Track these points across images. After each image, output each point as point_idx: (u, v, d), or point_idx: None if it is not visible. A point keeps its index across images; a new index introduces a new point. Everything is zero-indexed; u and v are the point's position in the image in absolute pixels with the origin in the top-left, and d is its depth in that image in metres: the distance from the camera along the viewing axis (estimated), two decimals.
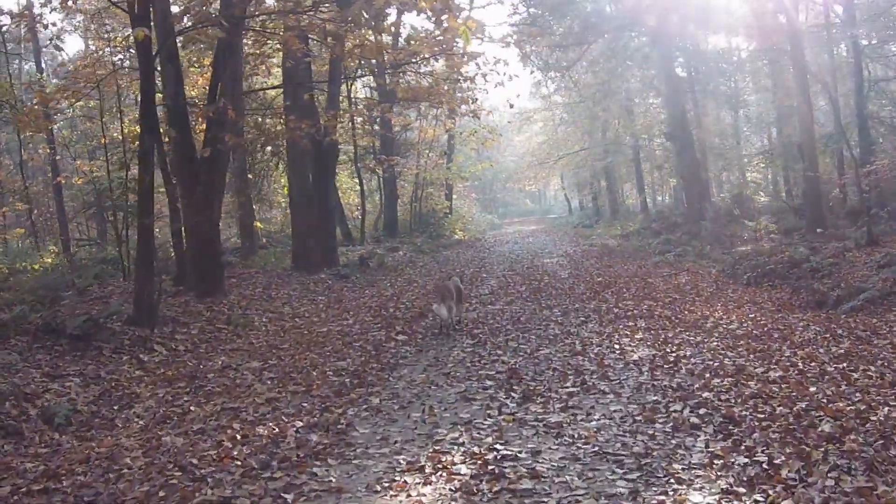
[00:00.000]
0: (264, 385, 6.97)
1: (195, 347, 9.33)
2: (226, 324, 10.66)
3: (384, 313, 10.77)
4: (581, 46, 25.40)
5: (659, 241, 21.03)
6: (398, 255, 22.37)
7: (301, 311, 11.79)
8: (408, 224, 29.42)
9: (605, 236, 28.21)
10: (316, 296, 13.49)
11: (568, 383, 6.19)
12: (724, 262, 15.94)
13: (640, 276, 14.33)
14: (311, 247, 15.86)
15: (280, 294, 13.36)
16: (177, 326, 10.24)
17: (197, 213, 11.87)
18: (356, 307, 11.77)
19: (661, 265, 16.40)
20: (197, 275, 11.91)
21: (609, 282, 13.23)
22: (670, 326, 8.54)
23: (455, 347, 7.94)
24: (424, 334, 8.85)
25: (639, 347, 7.49)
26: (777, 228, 21.97)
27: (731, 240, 20.30)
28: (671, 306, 10.15)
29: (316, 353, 8.27)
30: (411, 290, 13.77)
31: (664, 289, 12.12)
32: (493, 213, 55.08)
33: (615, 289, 12.10)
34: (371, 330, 9.36)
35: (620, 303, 10.48)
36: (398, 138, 28.63)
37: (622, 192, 43.97)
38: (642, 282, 13.19)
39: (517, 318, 9.60)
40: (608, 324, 8.87)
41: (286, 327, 10.40)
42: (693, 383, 6.07)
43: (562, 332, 8.42)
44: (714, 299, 10.95)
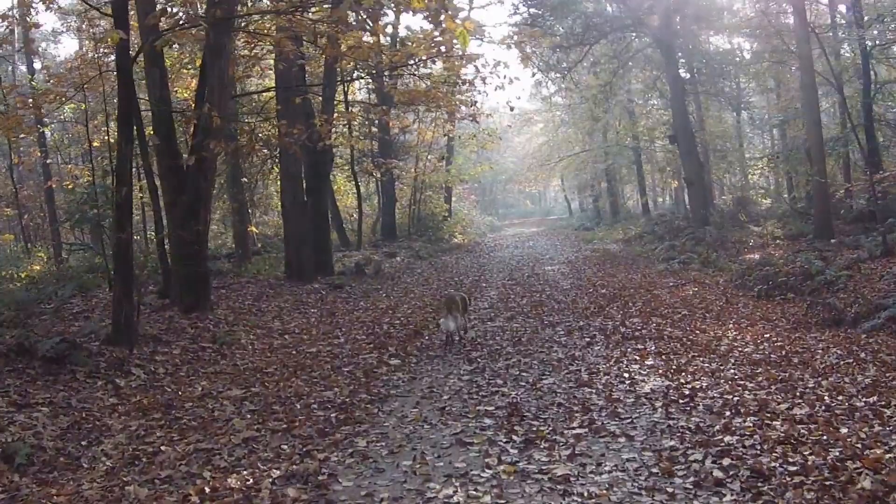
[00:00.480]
0: (243, 420, 6.37)
1: (175, 370, 8.72)
2: (210, 342, 10.06)
3: (377, 330, 10.17)
4: (582, 47, 24.80)
5: (663, 248, 20.43)
6: (396, 260, 21.79)
7: (291, 326, 11.19)
8: (406, 227, 28.84)
9: (607, 240, 27.63)
10: (308, 308, 12.89)
11: (575, 423, 5.59)
12: (732, 271, 15.34)
13: (645, 286, 13.74)
14: (304, 255, 15.26)
15: (270, 307, 12.77)
16: (158, 346, 9.65)
17: (182, 224, 11.27)
18: (349, 322, 11.17)
19: (666, 274, 15.81)
20: (182, 288, 11.31)
21: (613, 294, 12.63)
22: (682, 350, 7.94)
23: (451, 375, 7.35)
24: (419, 357, 8.25)
25: (650, 376, 6.89)
26: (783, 234, 21.39)
27: (736, 246, 19.72)
28: (681, 324, 9.55)
29: (302, 379, 7.68)
30: (407, 302, 13.17)
31: (671, 302, 11.53)
32: (494, 214, 54.50)
33: (620, 303, 11.50)
34: (362, 351, 8.76)
35: (627, 320, 9.88)
36: (396, 141, 28.03)
37: (623, 193, 43.41)
38: (648, 294, 12.59)
39: (518, 337, 9.01)
40: (615, 346, 8.27)
41: (274, 346, 9.81)
42: (713, 424, 5.48)
43: (566, 357, 7.82)
44: (725, 315, 10.35)
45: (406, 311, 12.04)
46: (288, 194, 15.29)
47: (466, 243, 29.71)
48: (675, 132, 21.34)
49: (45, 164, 23.44)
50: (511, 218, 58.17)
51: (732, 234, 21.70)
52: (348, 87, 23.40)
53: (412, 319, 10.80)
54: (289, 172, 15.21)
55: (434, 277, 17.49)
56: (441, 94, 12.97)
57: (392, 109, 23.49)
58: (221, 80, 11.53)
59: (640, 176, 36.41)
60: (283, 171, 15.28)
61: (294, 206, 15.23)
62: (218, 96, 11.44)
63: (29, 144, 24.48)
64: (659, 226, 27.60)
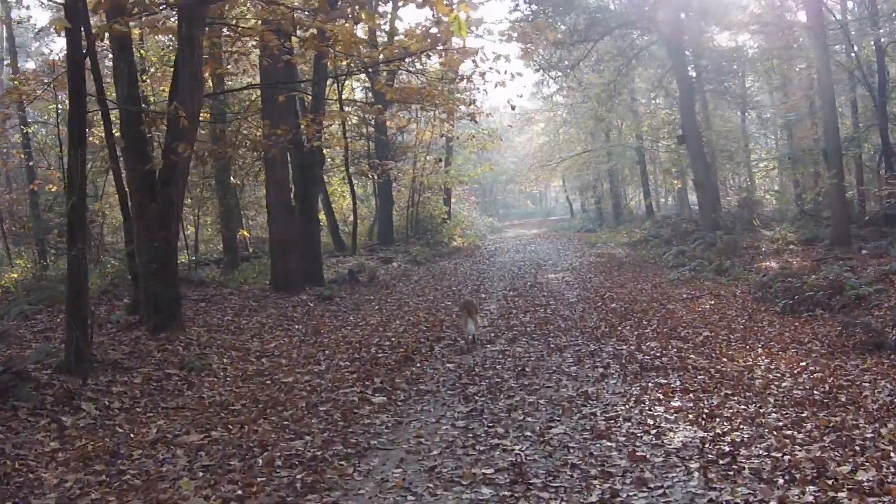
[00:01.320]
0: (194, 481, 5.24)
1: (133, 404, 7.59)
2: (178, 368, 8.92)
3: (364, 354, 9.03)
4: (585, 44, 23.66)
5: (671, 253, 19.28)
6: (392, 266, 20.66)
7: (271, 346, 10.06)
8: (404, 230, 27.71)
9: (611, 244, 26.48)
10: (292, 324, 11.76)
11: (594, 496, 4.45)
12: (750, 282, 14.19)
13: (658, 299, 12.60)
14: (291, 264, 14.13)
15: (251, 323, 11.63)
16: (117, 373, 8.51)
17: (150, 234, 10.14)
18: (334, 343, 10.03)
19: (678, 284, 14.66)
20: (151, 305, 10.17)
21: (625, 309, 11.48)
22: (712, 385, 6.80)
23: (444, 418, 6.20)
24: (408, 392, 7.11)
25: (678, 423, 5.75)
26: (796, 239, 20.23)
27: (749, 252, 18.57)
28: (704, 349, 8.41)
29: (272, 420, 6.54)
30: (400, 317, 12.03)
31: (689, 320, 10.38)
32: (494, 215, 53.34)
33: (633, 321, 10.35)
34: (344, 383, 7.62)
35: (643, 344, 8.73)
36: (393, 141, 26.89)
37: (625, 195, 42.25)
38: (662, 308, 11.45)
39: (521, 366, 7.86)
40: (633, 379, 7.13)
41: (248, 372, 8.67)
42: (765, 498, 4.35)
43: (577, 394, 6.67)
44: (751, 336, 9.20)
45: (398, 328, 10.91)
46: (274, 199, 14.16)
47: (466, 246, 28.56)
48: (684, 132, 20.20)
49: (30, 167, 22.33)
50: (512, 219, 56.99)
51: (743, 238, 20.55)
52: (342, 86, 22.26)
53: (403, 340, 9.65)
54: (275, 176, 14.07)
55: (430, 287, 16.34)
56: (437, 92, 11.84)
57: (388, 109, 22.38)
58: (194, 77, 10.38)
59: (643, 177, 35.25)
60: (269, 174, 14.14)
61: (280, 211, 14.10)
62: (189, 94, 10.31)
63: (12, 146, 23.39)
64: (665, 229, 26.46)
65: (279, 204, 14.03)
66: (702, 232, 21.88)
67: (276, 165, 13.95)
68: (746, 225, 23.56)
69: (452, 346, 9.25)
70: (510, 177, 52.63)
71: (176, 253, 10.36)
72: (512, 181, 53.06)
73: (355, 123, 24.72)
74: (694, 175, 20.55)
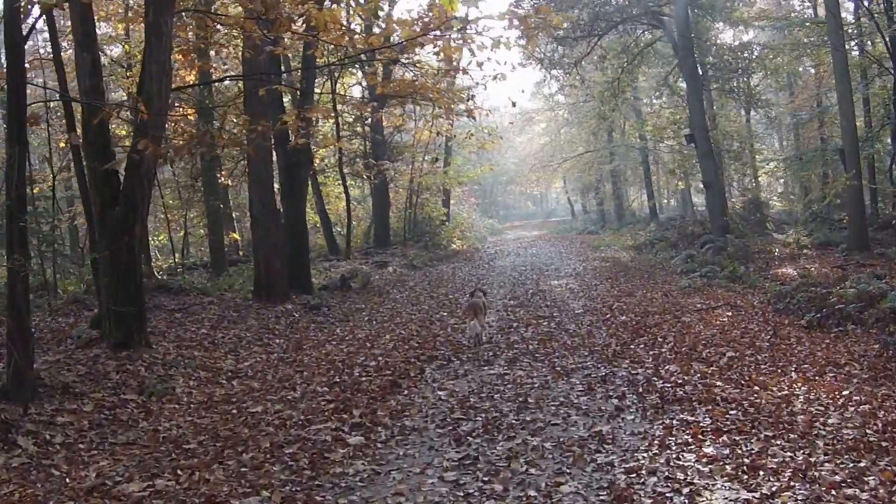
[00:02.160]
0: None
1: (78, 438, 6.53)
2: (136, 392, 7.86)
3: (345, 378, 7.96)
4: (589, 41, 22.58)
5: (680, 258, 18.20)
6: (387, 271, 19.60)
7: (245, 366, 8.99)
8: (402, 233, 26.64)
9: (615, 247, 25.41)
10: (272, 338, 10.69)
11: None
12: (768, 290, 13.13)
13: (671, 310, 11.52)
14: (275, 271, 13.06)
15: (227, 337, 10.57)
16: (66, 400, 7.45)
17: (113, 240, 9.08)
18: (315, 362, 8.96)
19: (691, 292, 13.58)
20: (111, 319, 9.11)
21: (636, 323, 10.39)
22: (747, 424, 5.72)
23: (431, 468, 5.12)
24: (391, 430, 6.03)
25: (715, 479, 4.67)
26: (810, 242, 19.17)
27: (762, 257, 17.51)
28: (731, 374, 7.33)
29: (228, 464, 5.47)
30: (391, 331, 10.96)
31: (709, 336, 9.30)
32: (494, 216, 52.28)
33: (647, 337, 9.26)
34: (319, 415, 6.55)
35: (661, 367, 7.65)
36: (390, 141, 25.82)
37: (626, 196, 41.19)
38: (676, 322, 10.36)
39: (524, 396, 6.77)
40: (654, 415, 6.05)
41: (214, 398, 7.61)
42: None
43: (590, 435, 5.60)
44: (780, 357, 8.13)
45: (387, 343, 9.82)
46: (256, 201, 13.09)
47: (465, 249, 27.49)
48: (693, 131, 19.11)
49: None
50: (512, 220, 55.88)
51: (754, 242, 19.50)
52: (336, 81, 21.22)
53: (391, 361, 8.57)
54: (258, 176, 13.00)
55: (426, 294, 15.27)
56: (430, 86, 10.78)
57: (385, 107, 21.33)
58: (161, 67, 9.30)
59: (647, 178, 34.18)
60: (252, 174, 13.07)
61: (264, 214, 13.03)
62: (157, 86, 9.24)
63: None
64: (670, 231, 25.40)
65: (262, 206, 12.96)
66: (710, 235, 20.82)
67: (260, 164, 12.89)
68: (756, 228, 22.50)
69: (446, 368, 8.18)
70: (511, 177, 51.59)
71: (139, 261, 9.29)
72: (512, 182, 52.03)
73: (350, 122, 23.67)
74: (703, 176, 19.47)
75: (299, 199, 14.21)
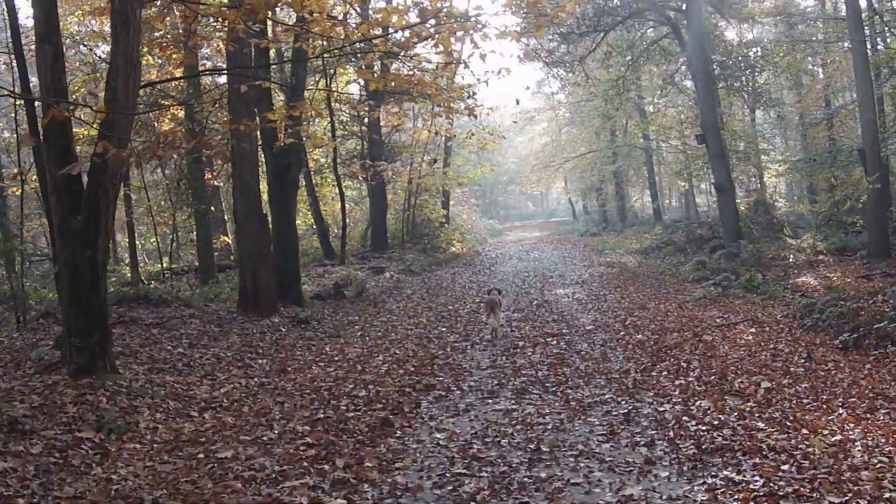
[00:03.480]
0: None
1: (20, 490, 5.52)
2: (94, 429, 6.82)
3: (331, 410, 6.94)
4: (594, 37, 21.55)
5: (691, 265, 17.18)
6: (383, 277, 18.60)
7: (221, 394, 7.98)
8: (400, 235, 25.62)
9: (620, 251, 24.40)
10: (255, 358, 9.68)
11: None
12: (790, 303, 12.15)
13: (689, 326, 10.51)
14: (262, 281, 12.05)
15: (206, 357, 9.56)
16: (12, 439, 6.43)
17: (73, 254, 8.08)
18: (298, 390, 7.94)
19: (707, 304, 12.59)
20: (73, 341, 8.10)
21: (655, 343, 9.37)
22: (805, 485, 4.72)
23: None
24: (380, 488, 5.02)
25: None
26: (825, 248, 18.17)
27: (778, 264, 16.51)
28: (772, 411, 6.31)
29: None
30: (385, 349, 9.94)
31: (736, 359, 8.30)
32: (494, 216, 51.28)
33: (669, 362, 8.24)
34: (296, 466, 5.54)
35: (691, 402, 6.63)
36: (388, 140, 24.80)
37: (629, 196, 40.21)
38: (698, 342, 9.35)
39: (535, 443, 5.74)
40: (692, 470, 5.04)
41: (182, 437, 6.60)
42: None
43: (618, 501, 4.59)
44: (821, 388, 7.13)
45: (380, 367, 8.81)
46: (241, 207, 12.07)
47: (465, 253, 26.48)
48: (705, 131, 18.10)
49: None
50: (512, 220, 54.81)
51: (767, 247, 18.50)
52: (332, 77, 20.21)
53: (383, 391, 7.55)
54: (243, 179, 11.98)
55: (424, 305, 14.26)
56: (429, 82, 9.79)
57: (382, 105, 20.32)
58: (129, 60, 8.27)
59: (651, 179, 33.17)
60: (237, 177, 12.06)
61: (250, 220, 12.01)
62: (123, 81, 8.23)
63: None
64: (677, 234, 24.39)
65: (248, 211, 11.95)
66: (720, 239, 19.82)
67: (245, 167, 11.88)
68: (766, 231, 21.48)
69: (445, 400, 7.17)
70: (511, 178, 50.59)
71: (103, 279, 8.27)
72: (513, 182, 51.02)
73: (345, 121, 22.65)
74: (715, 178, 18.46)
75: (289, 204, 13.20)
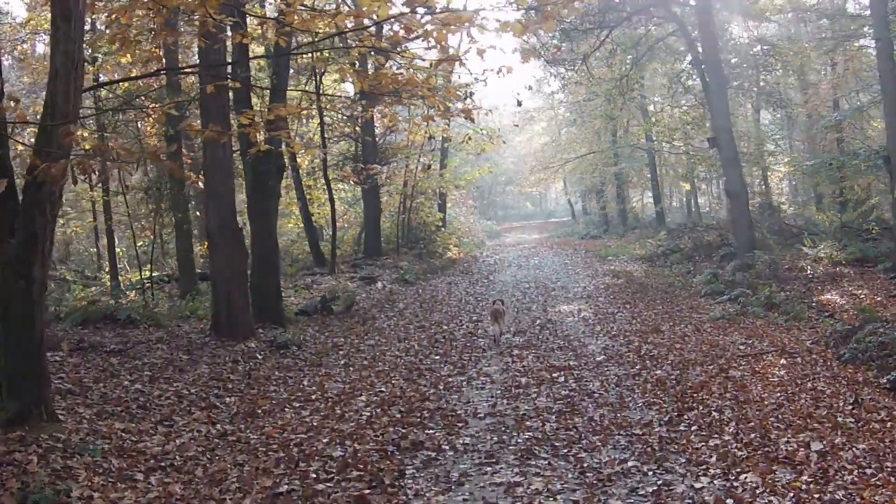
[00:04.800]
0: None
1: None
2: (17, 499, 5.67)
3: (297, 479, 5.74)
4: (597, 35, 20.33)
5: (703, 278, 15.96)
6: (375, 288, 17.40)
7: (175, 447, 6.76)
8: (395, 240, 24.42)
9: (624, 257, 23.21)
10: (223, 396, 8.46)
11: None
12: (818, 326, 10.97)
13: (712, 356, 9.30)
14: (236, 301, 10.82)
15: (166, 395, 8.33)
16: None
17: (5, 284, 6.87)
18: (265, 445, 6.72)
19: (726, 326, 11.40)
20: (7, 384, 6.89)
21: (677, 381, 8.13)
22: None
23: None
24: None
25: None
26: (844, 258, 16.96)
27: (794, 276, 15.32)
28: (832, 488, 5.13)
29: None
30: (370, 384, 8.72)
31: (775, 406, 7.07)
32: (493, 217, 50.08)
33: (698, 413, 7.00)
34: None
35: (733, 475, 5.41)
36: (382, 142, 23.57)
37: (629, 198, 39.02)
38: (726, 379, 8.14)
39: None
40: None
41: None
42: None
43: None
44: (881, 449, 5.94)
45: (362, 412, 7.59)
46: (214, 220, 10.83)
47: (462, 258, 25.28)
48: (716, 133, 16.90)
49: None
50: (511, 221, 53.54)
51: (782, 256, 17.30)
52: (321, 77, 18.99)
53: (362, 449, 6.33)
54: (214, 189, 10.75)
55: (416, 323, 13.05)
56: (421, 82, 8.61)
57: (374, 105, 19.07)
58: (71, 59, 7.05)
59: (654, 181, 31.97)
60: (208, 187, 10.82)
61: (224, 235, 10.78)
62: (63, 84, 7.00)
63: None
64: (683, 240, 23.18)
65: (221, 225, 10.72)
66: (730, 247, 18.66)
67: (218, 175, 10.65)
68: (777, 238, 20.29)
69: (434, 465, 5.94)
70: (510, 178, 49.39)
71: (40, 311, 7.05)
72: (511, 182, 49.80)
73: (336, 122, 21.42)
74: (727, 184, 17.26)
75: (269, 215, 11.98)
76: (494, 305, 11.58)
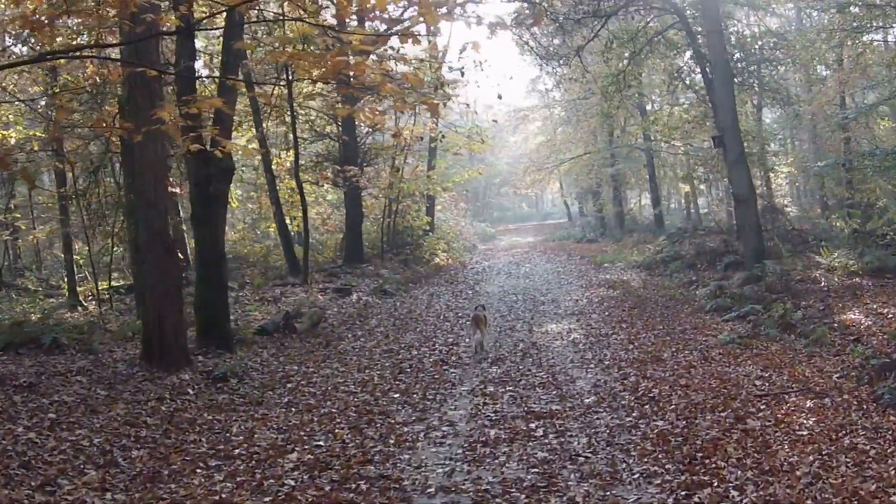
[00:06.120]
0: None
1: None
2: None
3: None
4: (592, 25, 18.75)
5: (707, 291, 14.37)
6: (348, 301, 15.82)
7: None
8: (380, 245, 22.83)
9: (621, 264, 21.63)
10: (130, 449, 6.83)
11: None
12: (843, 353, 9.38)
13: (723, 395, 7.71)
14: (169, 325, 9.22)
15: (62, 447, 6.68)
16: None
17: None
18: None
19: (737, 352, 9.79)
20: None
21: (684, 438, 6.48)
22: None
23: None
24: None
25: None
26: (859, 268, 15.35)
27: (809, 289, 13.72)
28: None
29: None
30: (311, 434, 7.12)
31: (811, 479, 5.50)
32: (487, 219, 48.49)
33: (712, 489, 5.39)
34: None
35: None
36: (363, 142, 21.99)
37: (627, 199, 37.43)
38: (744, 434, 6.53)
39: None
40: None
41: None
42: None
43: None
44: None
45: (286, 478, 5.99)
46: (143, 229, 9.24)
47: (449, 265, 23.70)
48: (722, 133, 15.33)
49: None
50: (506, 223, 51.90)
51: (793, 264, 15.70)
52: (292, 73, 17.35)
53: None
54: (144, 196, 9.15)
55: (385, 346, 11.43)
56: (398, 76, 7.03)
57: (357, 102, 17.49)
58: None
59: (652, 182, 30.39)
60: (136, 193, 9.24)
61: (153, 247, 9.17)
62: None
63: None
64: (684, 246, 21.56)
65: (150, 237, 9.12)
66: (735, 255, 17.10)
67: (147, 179, 9.05)
68: (785, 244, 18.70)
69: None
70: (504, 179, 47.81)
71: None
72: (506, 184, 48.21)
73: (310, 120, 19.84)
74: (734, 188, 15.67)
75: (214, 223, 10.37)
76: (476, 311, 11.28)
